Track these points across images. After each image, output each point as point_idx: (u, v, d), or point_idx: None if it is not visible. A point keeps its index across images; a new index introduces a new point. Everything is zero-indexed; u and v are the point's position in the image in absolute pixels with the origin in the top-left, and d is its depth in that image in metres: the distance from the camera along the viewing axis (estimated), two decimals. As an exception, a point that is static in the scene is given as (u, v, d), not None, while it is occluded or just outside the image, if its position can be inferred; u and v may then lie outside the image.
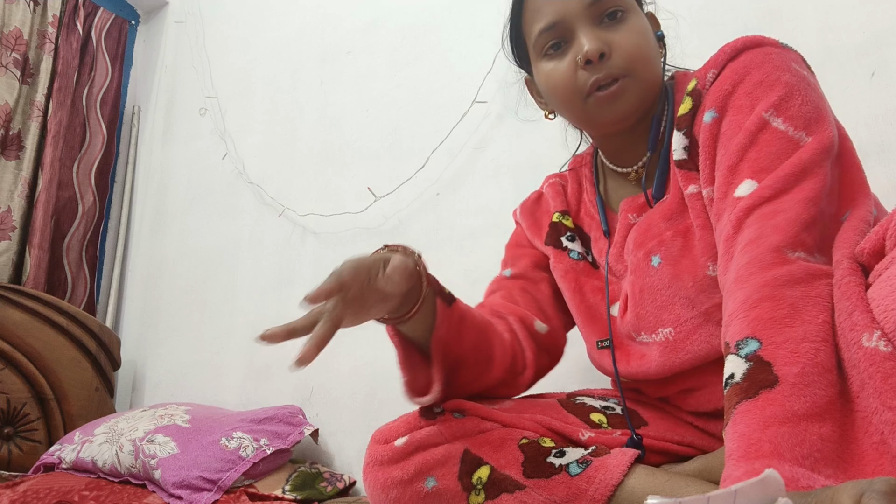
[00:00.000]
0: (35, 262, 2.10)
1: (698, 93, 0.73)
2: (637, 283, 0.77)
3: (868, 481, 0.34)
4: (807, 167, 0.61)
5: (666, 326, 0.74)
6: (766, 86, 0.67)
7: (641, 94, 0.76)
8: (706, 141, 0.70)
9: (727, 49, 0.72)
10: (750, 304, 0.53)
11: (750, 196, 0.61)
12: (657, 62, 0.79)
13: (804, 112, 0.65)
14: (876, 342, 0.46)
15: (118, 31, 2.56)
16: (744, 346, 0.51)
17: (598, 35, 0.75)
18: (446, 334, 0.72)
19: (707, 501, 0.34)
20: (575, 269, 0.88)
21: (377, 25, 1.88)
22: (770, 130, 0.64)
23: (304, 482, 1.37)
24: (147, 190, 2.46)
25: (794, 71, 0.68)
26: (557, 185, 0.96)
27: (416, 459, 0.71)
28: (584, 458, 0.66)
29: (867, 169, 0.69)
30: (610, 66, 0.74)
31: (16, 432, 1.73)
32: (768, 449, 0.44)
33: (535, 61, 0.82)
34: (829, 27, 1.10)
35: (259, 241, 1.98)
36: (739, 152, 0.65)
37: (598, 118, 0.78)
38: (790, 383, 0.46)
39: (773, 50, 0.70)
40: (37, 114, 2.21)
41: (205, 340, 2.02)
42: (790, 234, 0.56)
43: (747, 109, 0.67)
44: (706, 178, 0.70)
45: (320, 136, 1.93)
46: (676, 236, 0.74)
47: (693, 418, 0.79)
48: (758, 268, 0.55)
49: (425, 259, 0.72)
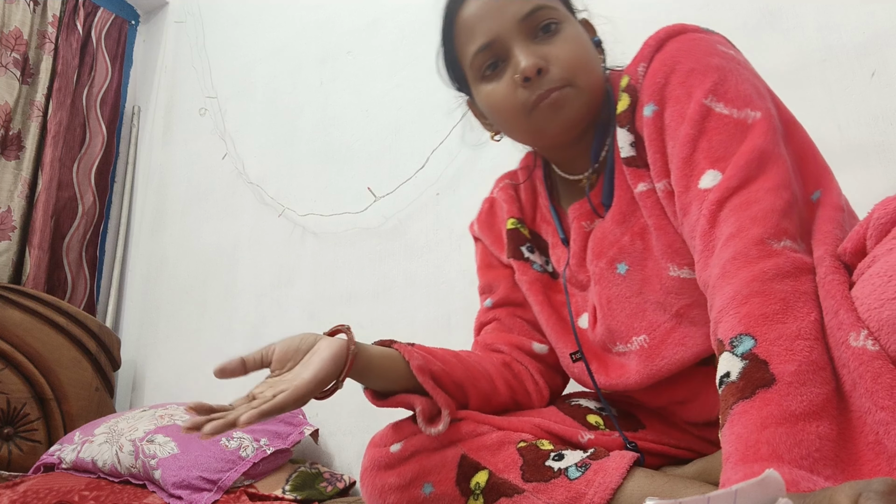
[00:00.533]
0: (35, 262, 2.10)
1: (633, 88, 0.72)
2: (604, 294, 0.76)
3: (865, 482, 0.34)
4: (764, 151, 0.61)
5: (640, 334, 0.73)
6: (698, 73, 0.67)
7: (585, 102, 0.75)
8: (651, 134, 0.69)
9: (651, 42, 0.72)
10: (740, 300, 0.52)
11: (717, 188, 0.61)
12: (597, 69, 0.78)
13: (742, 91, 0.65)
14: (863, 341, 0.46)
15: (118, 31, 2.56)
16: (738, 343, 0.50)
17: (534, 50, 0.73)
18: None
19: (707, 502, 0.34)
20: (540, 281, 0.86)
21: (377, 25, 1.88)
22: (715, 116, 0.64)
23: (304, 482, 1.37)
24: (147, 190, 2.46)
25: (721, 53, 0.68)
26: (509, 189, 0.93)
27: (413, 465, 0.71)
28: (583, 462, 0.65)
29: (867, 169, 0.69)
30: (549, 80, 0.73)
31: (16, 432, 1.73)
32: (767, 451, 0.43)
33: (474, 84, 0.80)
34: (829, 27, 1.10)
35: (259, 241, 1.98)
36: (691, 143, 0.64)
37: (544, 130, 0.76)
38: (787, 382, 0.46)
39: (697, 35, 0.70)
40: (37, 114, 2.21)
41: (205, 340, 2.02)
42: (770, 224, 0.56)
43: (685, 98, 0.66)
44: (658, 171, 0.69)
45: (320, 136, 1.93)
46: (635, 239, 0.74)
47: (689, 427, 0.78)
48: (744, 261, 0.54)
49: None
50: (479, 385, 0.77)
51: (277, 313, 1.84)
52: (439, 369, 0.73)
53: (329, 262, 1.77)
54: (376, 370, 0.72)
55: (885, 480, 0.33)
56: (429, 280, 1.54)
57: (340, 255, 1.75)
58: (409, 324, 1.55)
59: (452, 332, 1.44)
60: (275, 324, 1.84)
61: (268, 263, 1.93)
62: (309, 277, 1.80)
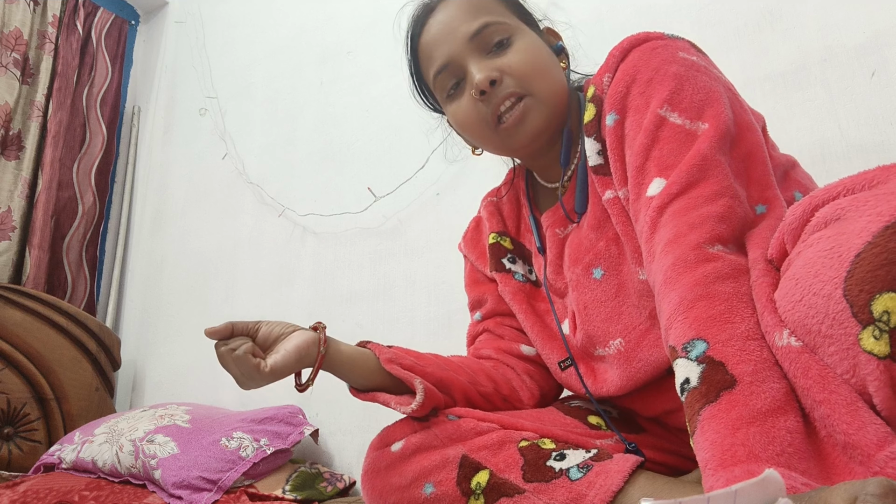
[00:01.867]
0: (35, 262, 2.10)
1: (598, 98, 0.74)
2: (581, 299, 0.77)
3: (861, 483, 0.34)
4: (706, 157, 0.62)
5: (616, 337, 0.74)
6: (656, 82, 0.68)
7: (547, 110, 0.77)
8: (612, 143, 0.71)
9: (616, 52, 0.74)
10: (686, 305, 0.53)
11: (659, 195, 0.63)
12: (555, 74, 0.79)
13: (696, 100, 0.66)
14: (787, 339, 0.47)
15: (118, 31, 2.56)
16: (691, 347, 0.51)
17: (486, 64, 0.76)
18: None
19: (707, 502, 0.34)
20: (523, 291, 0.88)
21: (377, 26, 1.88)
22: (668, 126, 0.65)
23: (304, 482, 1.37)
24: (147, 190, 2.46)
25: (681, 60, 0.69)
26: (492, 206, 0.96)
27: (414, 465, 0.71)
28: (585, 463, 0.65)
29: (867, 168, 0.69)
30: (504, 89, 0.75)
31: (16, 432, 1.73)
32: (743, 452, 0.44)
33: (443, 104, 0.84)
34: (829, 27, 1.10)
35: (259, 241, 1.98)
36: (644, 152, 0.66)
37: (511, 144, 0.79)
38: (748, 382, 0.47)
39: (659, 43, 0.71)
40: (37, 114, 2.21)
41: (205, 340, 2.01)
42: (706, 229, 0.57)
43: (643, 108, 0.68)
44: (619, 179, 0.71)
45: (320, 136, 1.93)
46: (610, 244, 0.75)
47: (684, 435, 0.78)
48: (684, 267, 0.56)
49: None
50: (461, 379, 0.78)
51: (277, 313, 1.84)
52: (411, 363, 0.75)
53: (329, 262, 1.77)
54: (348, 364, 0.75)
55: (880, 482, 0.33)
56: (429, 280, 1.54)
57: (340, 255, 1.75)
58: (409, 324, 1.55)
59: (452, 332, 1.44)
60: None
61: (268, 263, 1.93)
62: (309, 277, 1.80)
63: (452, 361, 0.81)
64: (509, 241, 0.92)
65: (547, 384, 0.88)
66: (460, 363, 0.81)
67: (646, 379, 0.73)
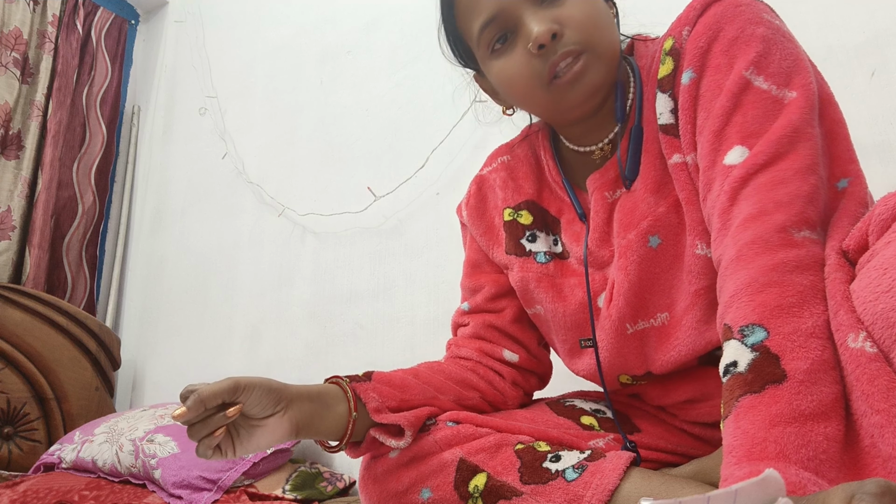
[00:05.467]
0: (35, 261, 2.10)
1: (677, 52, 0.68)
2: (632, 269, 0.70)
3: (859, 483, 0.33)
4: (797, 128, 0.57)
5: (663, 311, 0.70)
6: (742, 42, 0.63)
7: (605, 66, 0.71)
8: (685, 103, 0.66)
9: (696, 3, 0.68)
10: (756, 288, 0.50)
11: (743, 164, 0.58)
12: (613, 28, 0.74)
13: (784, 66, 0.62)
14: (861, 343, 0.44)
15: (118, 31, 2.56)
16: (749, 333, 0.48)
17: (545, 15, 0.69)
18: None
19: (707, 501, 0.34)
20: (547, 274, 0.80)
21: (377, 25, 1.88)
22: (753, 91, 0.61)
23: (304, 482, 1.37)
24: (147, 190, 2.46)
25: (767, 23, 0.65)
26: (503, 170, 0.87)
27: (411, 470, 0.70)
28: (580, 463, 0.65)
29: (867, 168, 0.68)
30: (565, 44, 0.68)
31: (16, 432, 1.73)
32: (774, 450, 0.42)
33: (484, 60, 0.76)
34: (829, 26, 1.10)
35: (259, 241, 1.98)
36: (724, 116, 0.61)
37: (564, 103, 0.72)
38: (798, 380, 0.45)
39: (743, 1, 0.67)
40: (36, 113, 2.21)
41: (205, 340, 2.02)
42: (794, 211, 0.53)
43: (726, 69, 0.63)
44: (687, 143, 0.66)
45: (320, 136, 1.93)
46: (670, 212, 0.69)
47: (689, 426, 0.77)
48: (763, 248, 0.52)
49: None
50: (447, 396, 0.76)
51: (277, 313, 1.84)
52: (398, 402, 0.72)
53: (329, 262, 1.77)
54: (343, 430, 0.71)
55: (877, 481, 0.33)
56: (429, 280, 1.54)
57: (340, 254, 1.75)
58: (409, 323, 1.55)
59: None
60: (275, 324, 1.84)
61: (268, 263, 1.93)
62: (309, 277, 1.80)
63: (435, 381, 0.77)
64: (527, 214, 0.84)
65: (528, 383, 0.86)
66: (444, 381, 0.78)
67: (682, 361, 0.70)
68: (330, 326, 1.71)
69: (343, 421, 0.69)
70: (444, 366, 0.81)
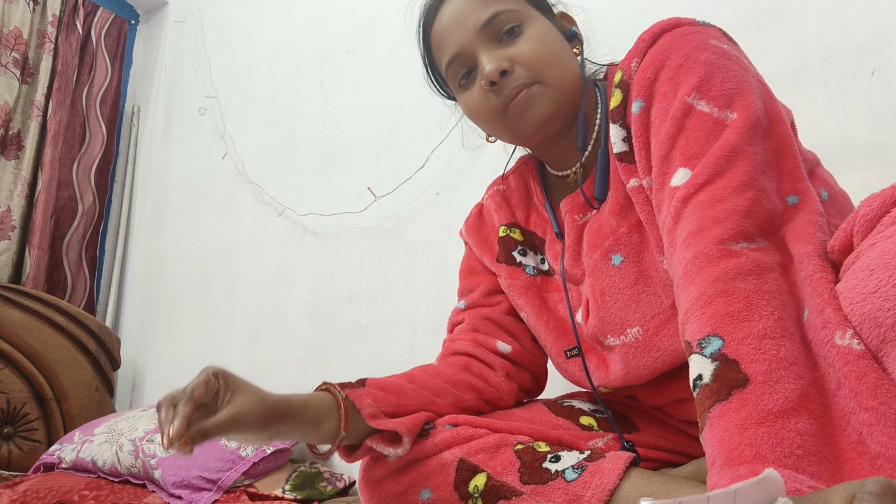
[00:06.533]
0: (35, 261, 2.10)
1: (626, 84, 0.72)
2: (597, 286, 0.75)
3: (859, 482, 0.33)
4: (735, 147, 0.60)
5: (633, 326, 0.72)
6: (685, 69, 0.66)
7: (556, 98, 0.76)
8: (637, 131, 0.69)
9: (645, 36, 0.72)
10: (705, 300, 0.52)
11: (685, 185, 0.61)
12: (567, 62, 0.78)
13: (726, 89, 0.64)
14: (849, 340, 0.45)
15: (118, 31, 2.56)
16: (707, 344, 0.50)
17: (497, 54, 0.75)
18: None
19: (707, 502, 0.34)
20: (534, 285, 0.86)
21: (377, 25, 1.88)
22: (695, 115, 0.64)
23: (303, 482, 1.37)
24: (147, 189, 2.46)
25: (712, 48, 0.67)
26: (498, 196, 0.94)
27: (410, 472, 0.70)
28: (580, 464, 0.65)
29: (867, 168, 0.68)
30: (515, 79, 0.74)
31: (16, 432, 1.73)
32: (750, 452, 0.43)
33: (456, 93, 0.83)
34: (829, 27, 1.10)
35: (259, 241, 1.98)
36: (669, 140, 0.64)
37: (520, 131, 0.78)
38: (760, 381, 0.46)
39: (690, 29, 0.70)
40: (36, 113, 2.21)
41: (205, 340, 2.02)
42: (731, 224, 0.56)
43: (671, 95, 0.66)
44: (643, 167, 0.69)
45: (320, 136, 1.93)
46: (632, 231, 0.73)
47: (685, 426, 0.78)
48: (705, 262, 0.54)
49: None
50: (443, 400, 0.77)
51: (277, 313, 1.84)
52: (394, 407, 0.71)
53: (329, 262, 1.77)
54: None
55: (878, 481, 0.33)
56: (429, 280, 1.54)
57: (340, 254, 1.75)
58: (409, 323, 1.55)
59: (452, 332, 1.44)
60: (275, 323, 1.84)
61: (268, 263, 1.93)
62: (309, 277, 1.80)
63: (431, 385, 0.77)
64: (519, 233, 0.90)
65: (522, 379, 0.87)
66: (440, 384, 0.78)
67: (663, 369, 0.71)
68: (329, 326, 1.71)
69: (332, 432, 0.68)
70: (439, 368, 0.82)
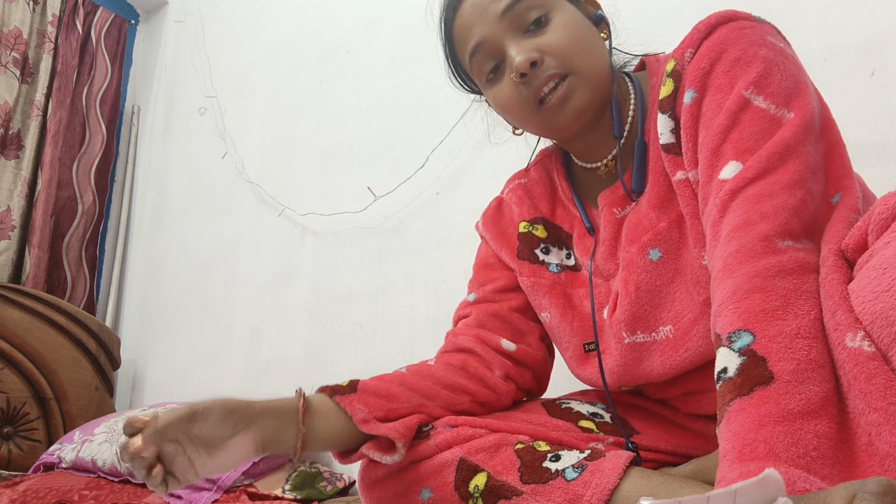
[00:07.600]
0: (35, 261, 2.10)
1: (678, 73, 0.71)
2: (632, 280, 0.73)
3: (860, 482, 0.33)
4: (790, 146, 0.59)
5: (666, 324, 0.71)
6: (743, 63, 0.65)
7: (591, 87, 0.74)
8: (687, 122, 0.68)
9: (701, 27, 0.70)
10: (741, 295, 0.51)
11: (734, 178, 0.60)
12: (597, 49, 0.76)
13: (784, 87, 0.63)
14: (860, 342, 0.45)
15: (118, 31, 2.56)
16: (736, 338, 0.50)
17: (525, 45, 0.73)
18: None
19: (707, 501, 0.34)
20: (559, 283, 0.84)
21: (377, 25, 1.88)
22: (751, 109, 0.63)
23: (303, 481, 1.37)
24: (147, 189, 2.46)
25: (770, 45, 0.67)
26: (520, 190, 0.92)
27: (410, 471, 0.70)
28: (580, 463, 0.65)
29: (867, 168, 0.69)
30: (545, 70, 0.72)
31: (16, 432, 1.73)
32: (763, 449, 0.43)
33: (483, 89, 0.81)
34: (829, 27, 1.10)
35: (258, 241, 1.98)
36: (722, 133, 0.63)
37: (555, 125, 0.76)
38: (785, 381, 0.45)
39: (747, 24, 0.69)
40: (36, 113, 2.21)
41: (205, 340, 2.02)
42: (778, 221, 0.55)
43: (727, 88, 0.65)
44: (689, 160, 0.68)
45: (320, 136, 1.93)
46: (672, 226, 0.71)
47: (690, 420, 0.78)
48: (747, 256, 0.54)
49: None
50: (435, 402, 0.76)
51: (277, 313, 1.84)
52: (385, 411, 0.71)
53: (329, 262, 1.77)
54: (325, 444, 0.71)
55: (879, 481, 0.33)
56: (429, 280, 1.54)
57: (340, 254, 1.75)
58: (408, 323, 1.55)
59: (452, 332, 1.44)
60: (275, 323, 1.84)
61: (268, 263, 1.93)
62: (309, 277, 1.80)
63: (423, 387, 0.76)
64: (542, 228, 0.87)
65: (523, 379, 0.85)
66: (432, 386, 0.77)
67: (688, 367, 0.71)
68: (329, 326, 1.71)
69: (295, 427, 0.68)
70: (433, 369, 0.80)
